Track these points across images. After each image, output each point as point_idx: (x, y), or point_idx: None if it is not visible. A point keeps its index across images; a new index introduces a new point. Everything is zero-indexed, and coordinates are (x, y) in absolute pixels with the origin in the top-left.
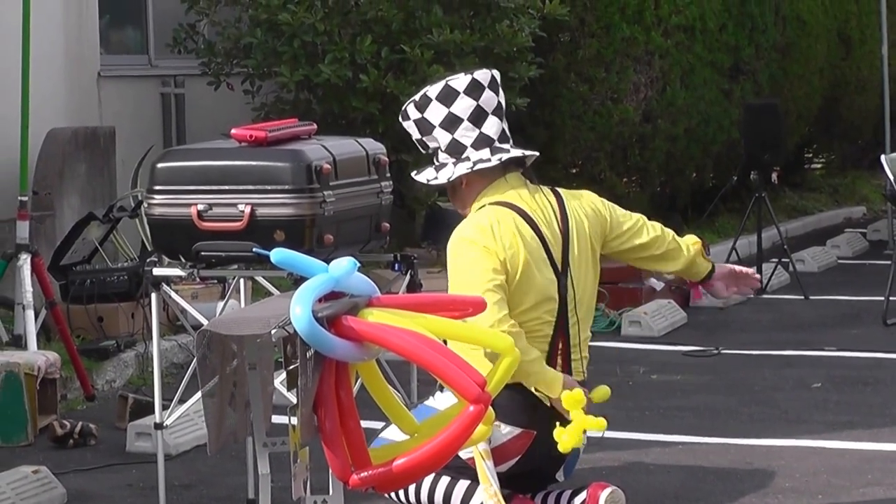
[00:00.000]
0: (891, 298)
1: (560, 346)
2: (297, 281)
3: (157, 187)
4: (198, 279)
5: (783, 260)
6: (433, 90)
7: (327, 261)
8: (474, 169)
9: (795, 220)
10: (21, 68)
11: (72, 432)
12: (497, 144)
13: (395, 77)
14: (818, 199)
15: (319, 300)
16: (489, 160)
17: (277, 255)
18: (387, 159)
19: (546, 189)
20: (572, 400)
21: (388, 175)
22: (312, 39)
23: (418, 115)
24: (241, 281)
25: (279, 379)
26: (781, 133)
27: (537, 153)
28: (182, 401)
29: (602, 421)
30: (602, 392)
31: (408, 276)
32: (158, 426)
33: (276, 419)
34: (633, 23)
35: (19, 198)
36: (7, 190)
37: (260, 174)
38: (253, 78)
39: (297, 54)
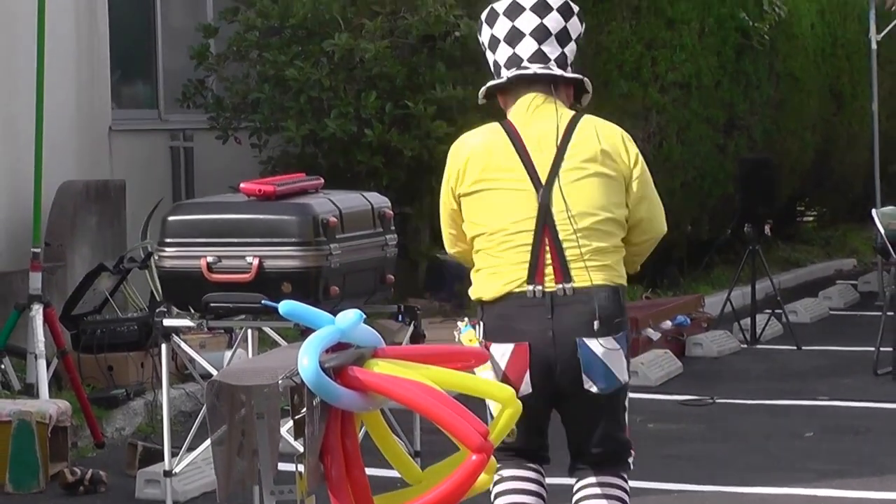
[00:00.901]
0: (881, 349)
1: (546, 253)
2: (303, 332)
3: (168, 240)
4: (206, 329)
5: (776, 311)
6: (488, 12)
7: (334, 312)
8: (487, 86)
9: (788, 272)
10: (35, 122)
11: (82, 479)
12: (525, 64)
13: (399, 131)
14: (810, 252)
15: (326, 351)
16: (502, 79)
17: (286, 307)
18: (391, 212)
19: (566, 110)
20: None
21: (393, 228)
22: (318, 95)
23: (481, 39)
24: (249, 331)
25: (286, 427)
26: (775, 187)
27: (560, 74)
28: (191, 448)
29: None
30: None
31: (411, 327)
32: (167, 473)
33: (283, 467)
34: (630, 79)
35: (32, 249)
36: (20, 242)
37: (268, 227)
38: (260, 132)
39: (303, 109)
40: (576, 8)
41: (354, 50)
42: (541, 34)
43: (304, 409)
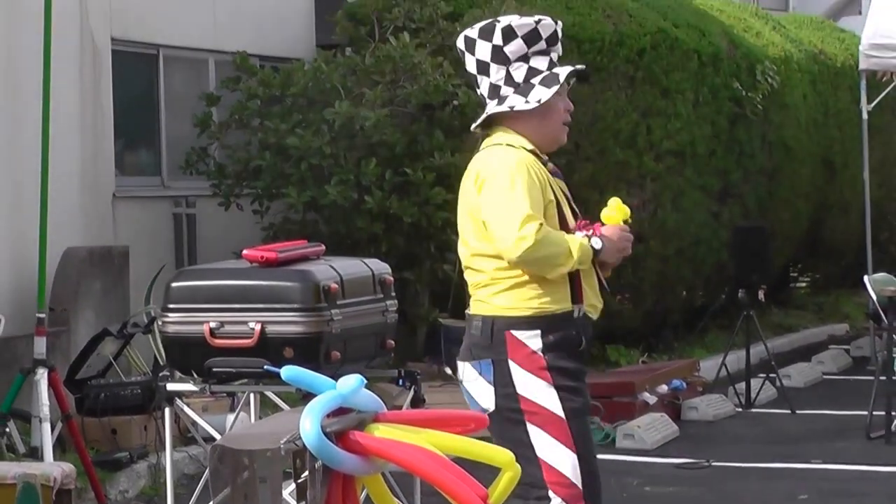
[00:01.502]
0: (874, 413)
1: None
2: (305, 396)
3: (171, 305)
4: (209, 393)
5: (771, 375)
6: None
7: (335, 377)
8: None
9: (782, 336)
10: (40, 189)
11: None
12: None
13: (399, 198)
14: (803, 317)
15: (328, 416)
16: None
17: (288, 372)
18: (391, 278)
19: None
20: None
21: (393, 294)
22: (319, 162)
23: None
24: (251, 395)
25: (288, 491)
26: (768, 254)
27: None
28: None
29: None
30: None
31: (411, 392)
32: None
33: None
34: (626, 147)
35: (37, 314)
36: (25, 307)
37: (270, 293)
38: (262, 199)
39: (304, 176)
40: (472, 33)
41: (355, 118)
42: (476, 73)
43: (307, 473)
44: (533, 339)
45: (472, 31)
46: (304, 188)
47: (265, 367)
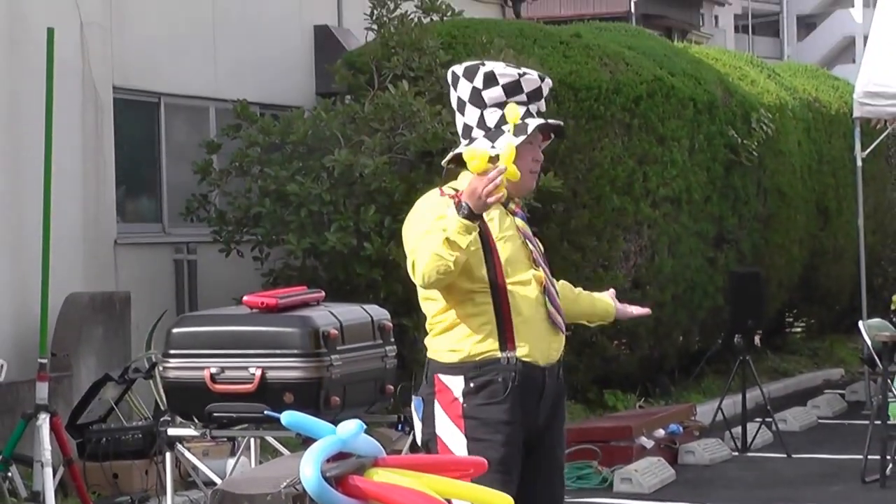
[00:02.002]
0: (869, 457)
1: None
2: (305, 441)
3: (173, 351)
4: (210, 438)
5: (766, 419)
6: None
7: (335, 422)
8: None
9: (777, 381)
10: (42, 236)
11: None
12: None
13: (398, 245)
14: (799, 362)
15: (328, 460)
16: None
17: (288, 417)
18: (390, 324)
19: None
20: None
21: (392, 339)
22: (319, 209)
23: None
24: (252, 439)
25: None
26: (764, 299)
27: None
28: None
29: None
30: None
31: (410, 436)
32: None
33: None
34: (622, 194)
35: (39, 360)
36: (27, 352)
37: (270, 339)
38: (262, 245)
39: (304, 223)
40: (458, 70)
41: (354, 165)
42: (455, 108)
43: None
44: (456, 385)
45: (459, 68)
46: (303, 235)
47: (265, 412)
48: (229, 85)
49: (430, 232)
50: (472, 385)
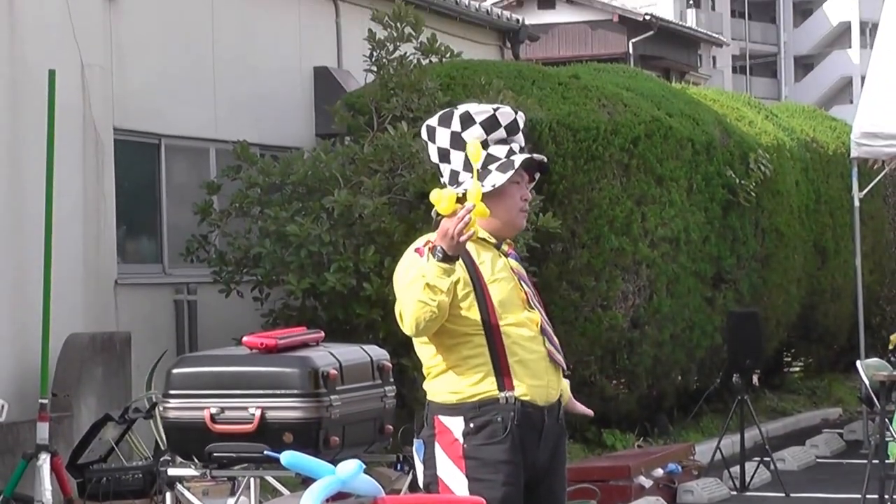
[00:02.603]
0: (867, 496)
1: None
2: (305, 481)
3: (172, 392)
4: (210, 478)
5: (765, 459)
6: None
7: (334, 462)
8: None
9: (776, 420)
10: (43, 276)
11: None
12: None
13: None
14: (797, 401)
15: (327, 500)
16: None
17: (288, 457)
18: (390, 364)
19: None
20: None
21: (391, 380)
22: (318, 249)
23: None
24: (252, 479)
25: None
26: (762, 339)
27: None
28: None
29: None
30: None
31: (409, 476)
32: None
33: None
34: (621, 234)
35: (40, 400)
36: (28, 392)
37: (270, 379)
38: (262, 286)
39: (303, 263)
40: (433, 122)
41: (353, 206)
42: (438, 162)
43: None
44: (456, 426)
45: (433, 120)
46: (303, 275)
47: (265, 452)
48: (229, 126)
49: (411, 282)
50: (471, 425)
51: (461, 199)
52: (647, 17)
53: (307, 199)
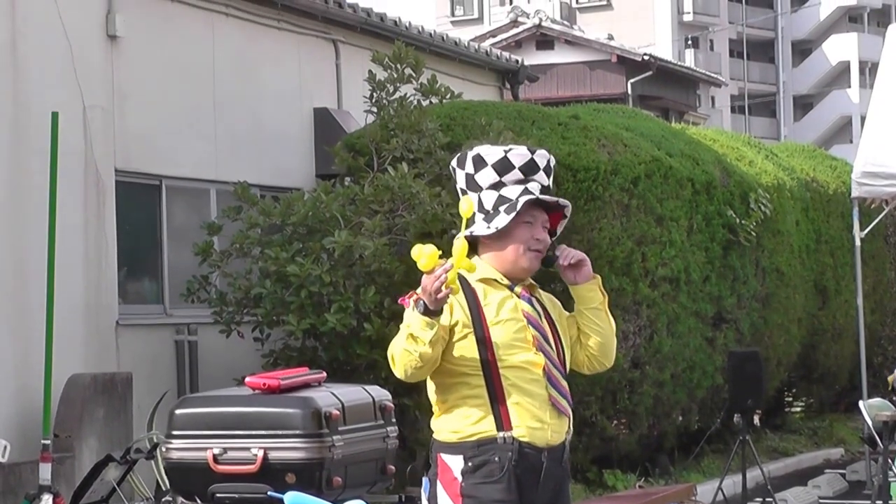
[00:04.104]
0: None
1: None
2: None
3: (175, 432)
4: None
5: (767, 500)
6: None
7: (337, 502)
8: None
9: (777, 461)
10: (45, 317)
11: None
12: None
13: (398, 325)
14: (798, 441)
15: None
16: None
17: (291, 498)
18: (392, 405)
19: None
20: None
21: (394, 420)
22: (319, 290)
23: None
24: None
25: None
26: (763, 379)
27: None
28: None
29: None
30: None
31: None
32: None
33: None
34: (621, 274)
35: (42, 441)
36: (30, 433)
37: (272, 420)
38: (262, 326)
39: (304, 304)
40: (453, 163)
41: (354, 247)
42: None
43: None
44: (455, 464)
45: (454, 161)
46: (303, 315)
47: (269, 492)
48: (230, 167)
49: (400, 331)
50: (470, 464)
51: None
52: (646, 58)
53: (308, 240)
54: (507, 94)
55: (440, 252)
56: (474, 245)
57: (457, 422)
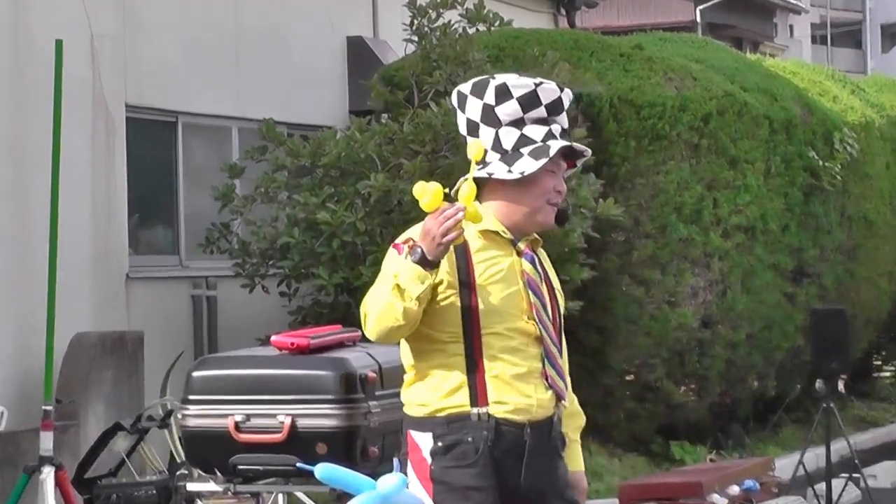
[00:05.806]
0: None
1: None
2: (340, 496)
3: (192, 397)
4: (232, 494)
5: (854, 475)
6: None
7: (374, 476)
8: None
9: (865, 432)
10: (47, 269)
11: None
12: None
13: None
14: (888, 410)
15: None
16: None
17: (322, 470)
18: None
19: None
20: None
21: None
22: (352, 240)
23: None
24: (280, 495)
25: None
26: (849, 340)
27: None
28: None
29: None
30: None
31: None
32: None
33: None
34: (690, 223)
35: (43, 407)
36: (30, 398)
37: (301, 383)
38: (289, 280)
39: (336, 255)
40: (465, 89)
41: (392, 192)
42: (466, 135)
43: None
44: (424, 443)
45: (466, 87)
46: (335, 268)
47: (297, 464)
48: (254, 103)
49: (381, 280)
50: (439, 444)
51: (449, 198)
52: None
53: (340, 184)
54: (563, 22)
55: (446, 190)
56: (480, 187)
57: (427, 393)
